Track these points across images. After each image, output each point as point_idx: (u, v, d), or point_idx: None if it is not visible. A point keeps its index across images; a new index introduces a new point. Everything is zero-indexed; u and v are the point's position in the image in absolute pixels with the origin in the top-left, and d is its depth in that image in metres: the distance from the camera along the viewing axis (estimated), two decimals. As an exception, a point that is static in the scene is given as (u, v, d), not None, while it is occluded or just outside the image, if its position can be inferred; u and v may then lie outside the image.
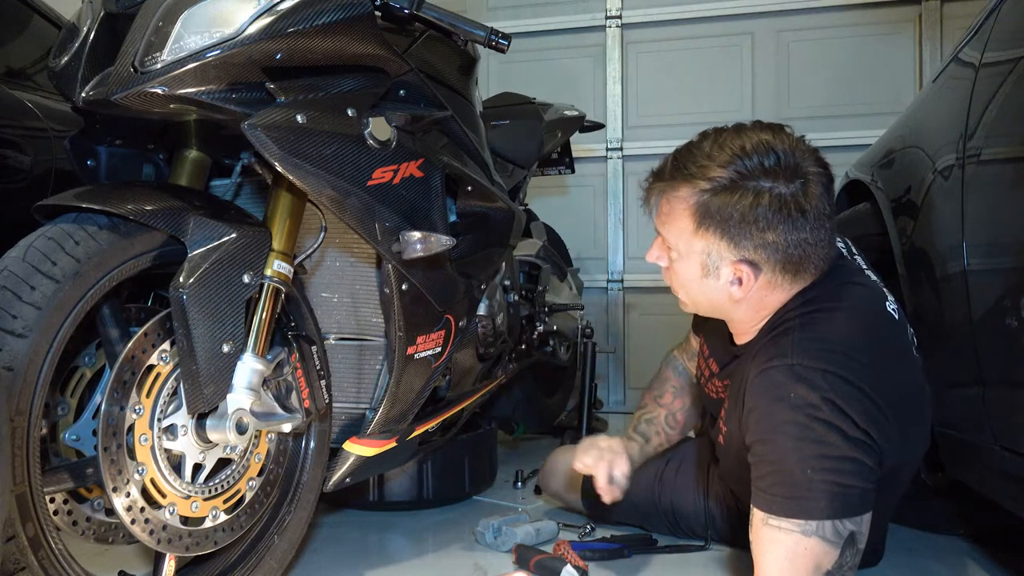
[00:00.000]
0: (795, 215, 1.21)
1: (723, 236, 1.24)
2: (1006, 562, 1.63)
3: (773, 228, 1.21)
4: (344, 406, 1.59)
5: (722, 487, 1.65)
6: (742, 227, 1.22)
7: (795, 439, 1.17)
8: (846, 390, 1.17)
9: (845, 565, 1.17)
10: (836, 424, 1.16)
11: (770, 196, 1.21)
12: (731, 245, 1.24)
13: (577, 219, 3.53)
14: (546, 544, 1.69)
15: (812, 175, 1.23)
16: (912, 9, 3.25)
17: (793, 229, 1.21)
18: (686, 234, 1.27)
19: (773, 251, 1.23)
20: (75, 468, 1.17)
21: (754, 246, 1.23)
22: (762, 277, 1.27)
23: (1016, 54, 1.30)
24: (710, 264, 1.27)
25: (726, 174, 1.22)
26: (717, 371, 1.51)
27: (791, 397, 1.18)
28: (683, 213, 1.26)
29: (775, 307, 1.31)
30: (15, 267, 1.09)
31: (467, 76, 1.72)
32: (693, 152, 1.26)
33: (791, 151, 1.23)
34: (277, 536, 1.44)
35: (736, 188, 1.21)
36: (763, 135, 1.24)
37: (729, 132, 1.27)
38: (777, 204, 1.20)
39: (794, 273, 1.27)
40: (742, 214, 1.21)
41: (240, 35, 1.16)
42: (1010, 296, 1.22)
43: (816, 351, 1.21)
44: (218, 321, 1.19)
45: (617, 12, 3.51)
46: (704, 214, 1.24)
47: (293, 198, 1.35)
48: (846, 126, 3.23)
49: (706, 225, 1.24)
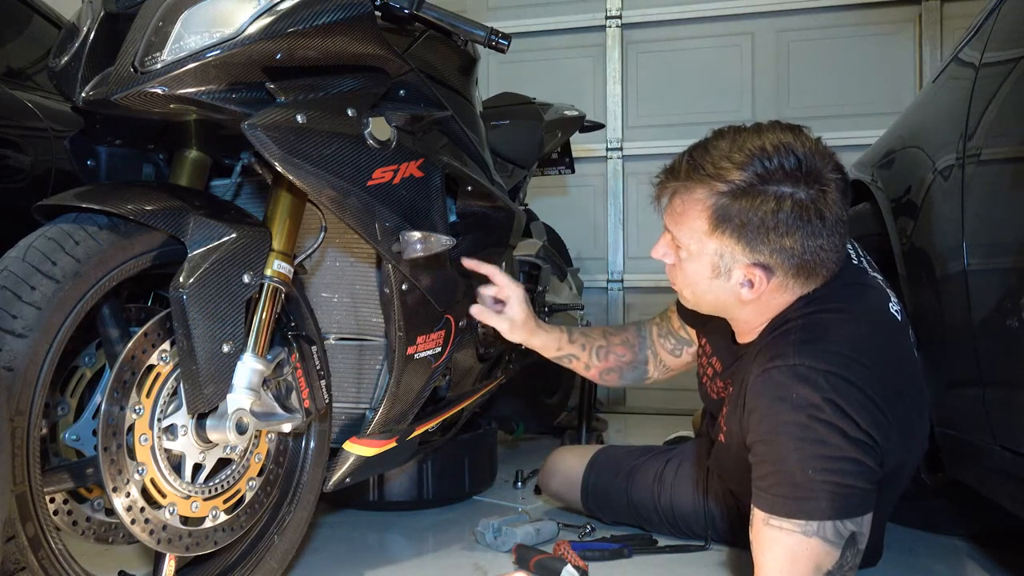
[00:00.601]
0: (815, 221, 1.19)
1: (739, 239, 1.22)
2: (1006, 562, 1.63)
3: (791, 234, 1.20)
4: (344, 406, 1.60)
5: (722, 487, 1.65)
6: (760, 232, 1.20)
7: (796, 439, 1.16)
8: (848, 391, 1.17)
9: (846, 565, 1.17)
10: (837, 425, 1.15)
11: (792, 202, 1.19)
12: (747, 249, 1.23)
13: (577, 219, 3.53)
14: (546, 544, 1.69)
15: (831, 180, 1.21)
16: (912, 9, 3.25)
17: (811, 235, 1.20)
18: (699, 234, 1.25)
19: (789, 256, 1.22)
20: (75, 468, 1.17)
21: (770, 251, 1.22)
22: (774, 280, 1.26)
23: (1016, 54, 1.30)
24: (722, 265, 1.26)
25: (746, 176, 1.19)
26: (721, 371, 1.50)
27: (793, 398, 1.17)
28: (699, 214, 1.24)
29: (780, 308, 1.31)
30: (15, 267, 1.09)
31: (467, 76, 1.72)
32: (711, 151, 1.23)
33: (812, 154, 1.20)
34: (277, 536, 1.44)
35: (756, 192, 1.19)
36: (783, 136, 1.21)
37: (748, 132, 1.24)
38: (798, 210, 1.19)
39: (806, 277, 1.26)
40: (761, 219, 1.19)
41: (240, 35, 1.16)
42: (1010, 296, 1.22)
43: (818, 352, 1.20)
44: (218, 321, 1.19)
45: (617, 12, 3.51)
46: (722, 217, 1.22)
47: (293, 198, 1.35)
48: (846, 126, 3.23)
49: (723, 228, 1.22)
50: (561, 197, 3.62)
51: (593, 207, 3.59)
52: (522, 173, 2.28)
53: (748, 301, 1.29)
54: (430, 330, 1.53)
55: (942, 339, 1.48)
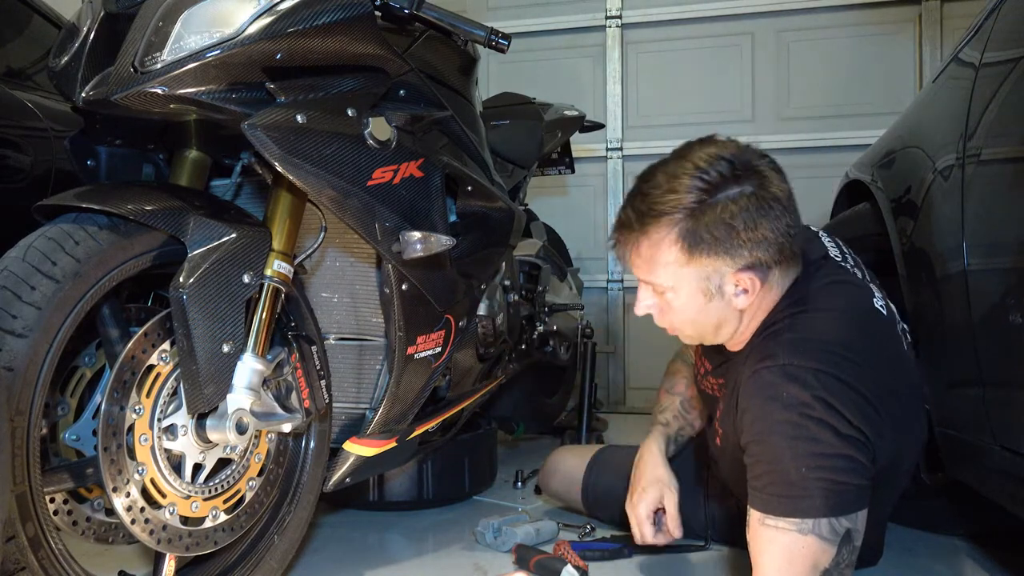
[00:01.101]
0: (772, 205, 1.23)
1: (718, 253, 1.24)
2: (1006, 562, 1.63)
3: (760, 225, 1.22)
4: (344, 406, 1.60)
5: (722, 487, 1.65)
6: (732, 237, 1.22)
7: (789, 438, 1.18)
8: (838, 388, 1.18)
9: (842, 563, 1.18)
10: (829, 422, 1.17)
11: (745, 198, 1.22)
12: (728, 258, 1.24)
13: (577, 219, 3.53)
14: (546, 544, 1.69)
15: (763, 166, 1.25)
16: (912, 9, 3.25)
17: (776, 219, 1.23)
18: (677, 267, 1.26)
19: (767, 246, 1.24)
20: (75, 468, 1.17)
21: (749, 250, 1.23)
22: (763, 276, 1.27)
23: (1016, 54, 1.30)
24: (711, 286, 1.27)
25: (694, 197, 1.22)
26: (711, 369, 1.52)
27: (784, 396, 1.19)
28: (669, 249, 1.25)
29: (769, 308, 1.32)
30: (15, 267, 1.09)
31: (467, 76, 1.72)
32: (650, 193, 1.26)
33: (737, 152, 1.25)
34: (277, 536, 1.44)
35: (710, 205, 1.22)
36: (705, 149, 1.26)
37: (673, 162, 1.28)
38: (754, 202, 1.22)
39: (788, 262, 1.29)
40: (728, 225, 1.21)
41: (240, 35, 1.16)
42: (1010, 296, 1.22)
43: (806, 351, 1.22)
44: (218, 321, 1.19)
45: (617, 12, 3.51)
46: (693, 241, 1.23)
47: (293, 198, 1.35)
48: (846, 126, 3.23)
49: (698, 250, 1.24)
50: (561, 197, 3.62)
51: (593, 207, 3.59)
52: (522, 173, 2.28)
53: (745, 309, 1.30)
54: (430, 330, 1.53)
55: (942, 339, 1.48)
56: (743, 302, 1.28)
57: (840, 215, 2.12)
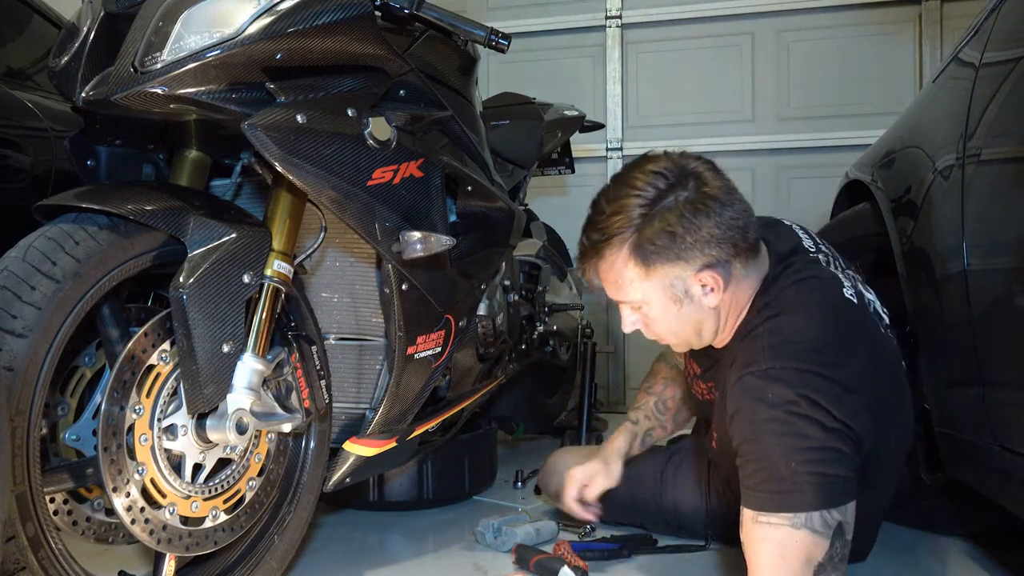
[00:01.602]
0: (710, 203, 1.28)
1: (671, 260, 1.29)
2: (1006, 562, 1.63)
3: (702, 225, 1.28)
4: (344, 406, 1.59)
5: (723, 485, 1.66)
6: (679, 241, 1.28)
7: (777, 435, 1.21)
8: (819, 384, 1.23)
9: (835, 556, 1.20)
10: (814, 417, 1.21)
11: (682, 203, 1.28)
12: (682, 263, 1.30)
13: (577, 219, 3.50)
14: (546, 544, 1.69)
15: (696, 167, 1.32)
16: (912, 9, 3.25)
17: (717, 214, 1.28)
18: (640, 282, 1.33)
19: (716, 242, 1.29)
20: (75, 468, 1.17)
21: (700, 250, 1.29)
22: (725, 270, 1.31)
23: (1016, 54, 1.30)
24: (678, 292, 1.33)
25: (636, 213, 1.29)
26: (700, 372, 1.55)
27: (769, 397, 1.24)
28: (626, 266, 1.32)
29: (746, 301, 1.37)
30: (15, 267, 1.09)
31: (467, 76, 1.72)
32: (599, 221, 1.34)
33: (669, 163, 1.32)
34: (277, 536, 1.44)
35: (652, 217, 1.29)
36: (639, 167, 1.33)
37: (613, 187, 1.35)
38: (691, 206, 1.28)
39: (747, 251, 1.33)
40: (671, 232, 1.28)
41: (240, 35, 1.16)
42: (1010, 296, 1.23)
43: (786, 352, 1.27)
44: (218, 321, 1.19)
45: (617, 12, 3.51)
46: (644, 254, 1.30)
47: (293, 198, 1.35)
48: (846, 126, 3.23)
49: (652, 261, 1.30)
50: (561, 197, 3.61)
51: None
52: (522, 173, 2.28)
53: (718, 305, 1.35)
54: (430, 330, 1.53)
55: (942, 339, 1.48)
56: (714, 300, 1.33)
57: (840, 215, 2.12)
